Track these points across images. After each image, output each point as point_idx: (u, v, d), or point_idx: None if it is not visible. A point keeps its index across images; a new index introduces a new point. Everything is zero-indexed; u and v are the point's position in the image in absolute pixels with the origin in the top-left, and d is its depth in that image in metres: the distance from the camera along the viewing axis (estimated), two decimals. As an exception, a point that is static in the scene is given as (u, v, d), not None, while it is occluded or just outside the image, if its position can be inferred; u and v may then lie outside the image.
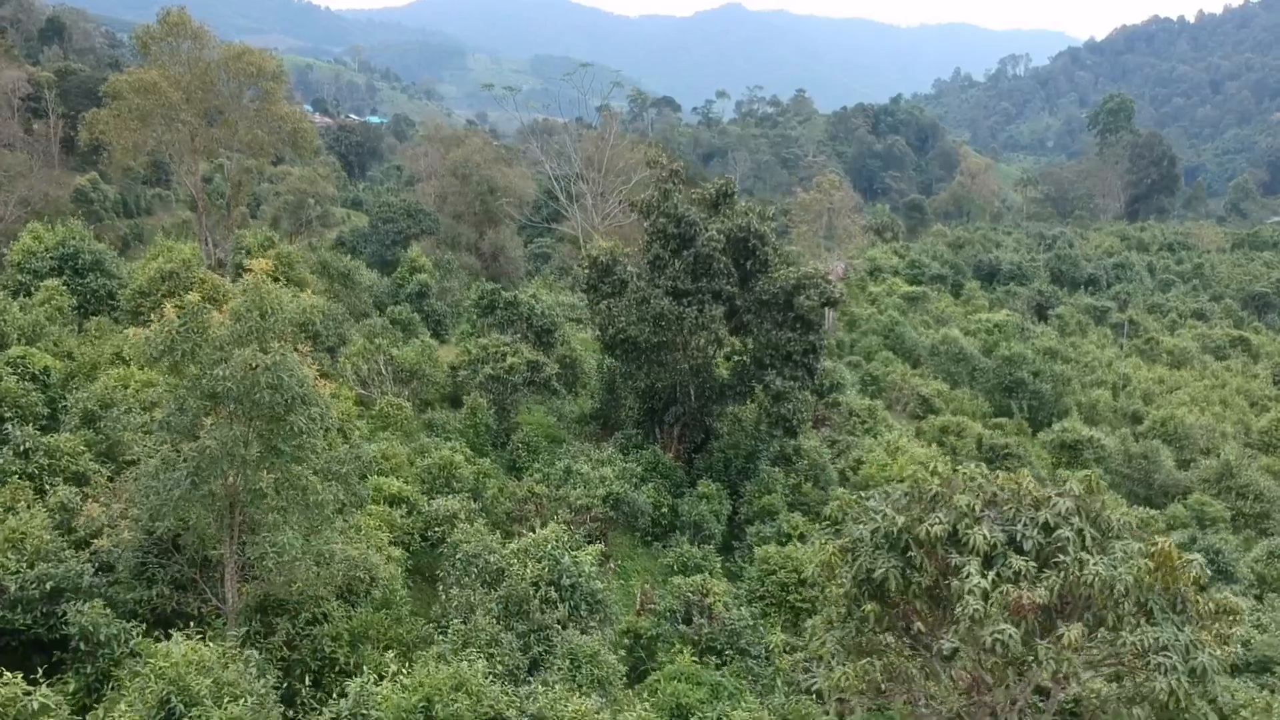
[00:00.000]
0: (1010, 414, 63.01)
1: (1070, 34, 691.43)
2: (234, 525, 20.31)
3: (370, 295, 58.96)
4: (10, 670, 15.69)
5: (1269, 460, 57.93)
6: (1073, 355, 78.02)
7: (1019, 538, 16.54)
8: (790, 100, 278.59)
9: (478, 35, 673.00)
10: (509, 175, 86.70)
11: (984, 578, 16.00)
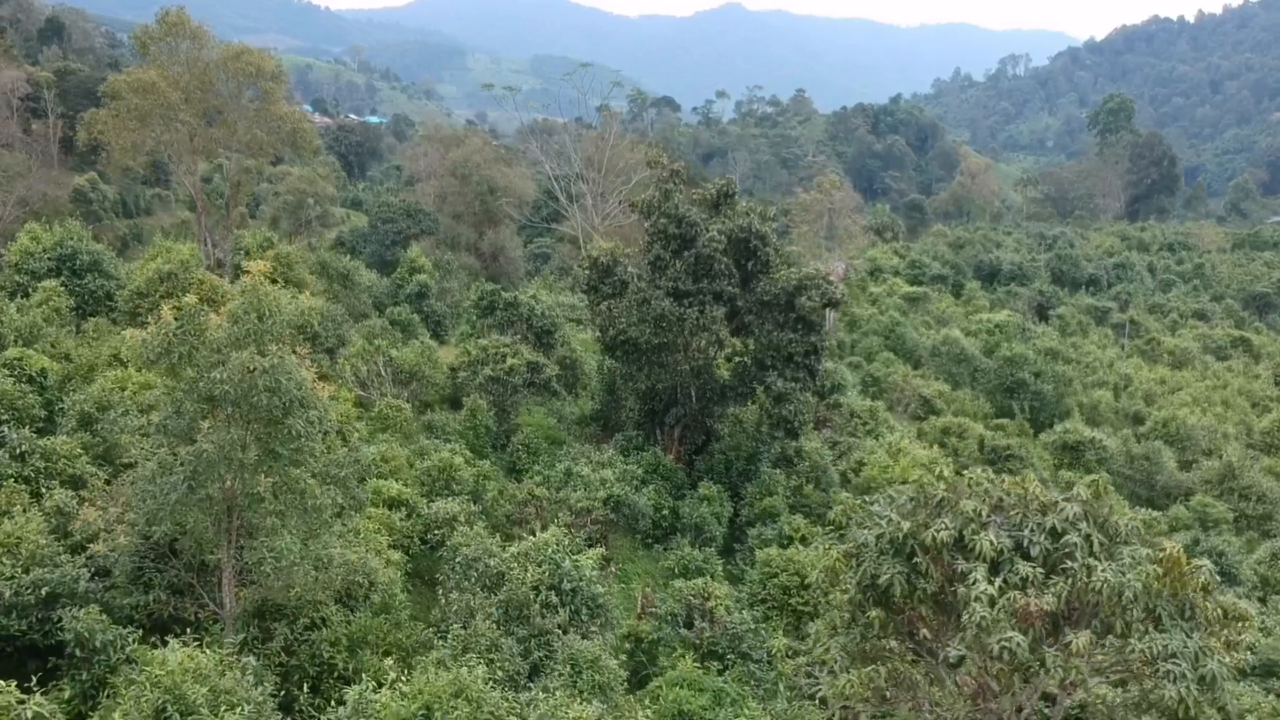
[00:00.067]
0: (1012, 415, 62.87)
1: (1070, 34, 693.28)
2: (231, 529, 20.12)
3: (369, 296, 58.80)
4: (5, 677, 15.51)
5: (1271, 461, 57.80)
6: (1074, 356, 77.86)
7: (1026, 543, 16.32)
8: (790, 100, 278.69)
9: (477, 35, 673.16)
10: (509, 175, 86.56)
11: (991, 584, 15.78)
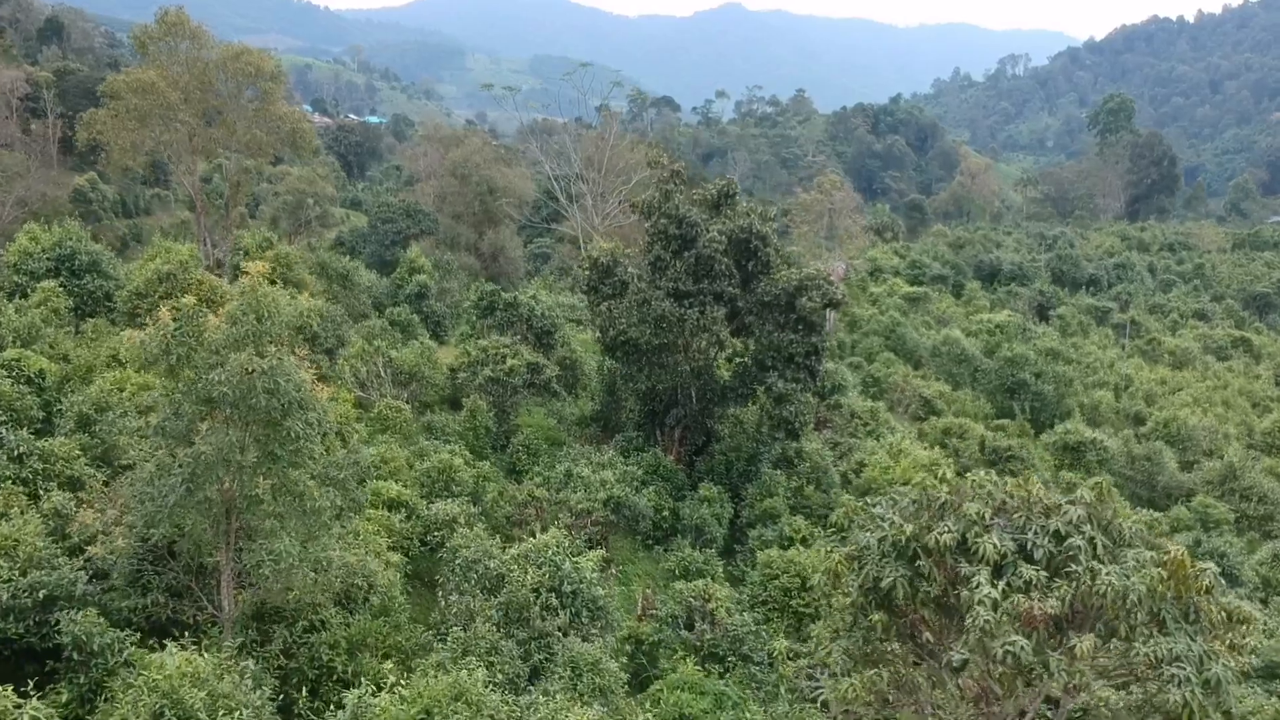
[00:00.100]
0: (1012, 415, 62.78)
1: (1070, 34, 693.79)
2: (230, 532, 20.02)
3: (369, 296, 58.72)
4: (2, 681, 15.45)
5: (1272, 462, 57.64)
6: (1074, 356, 77.73)
7: (1029, 546, 16.21)
8: (790, 100, 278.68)
9: (477, 35, 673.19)
10: (508, 175, 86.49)
11: (994, 588, 15.67)
